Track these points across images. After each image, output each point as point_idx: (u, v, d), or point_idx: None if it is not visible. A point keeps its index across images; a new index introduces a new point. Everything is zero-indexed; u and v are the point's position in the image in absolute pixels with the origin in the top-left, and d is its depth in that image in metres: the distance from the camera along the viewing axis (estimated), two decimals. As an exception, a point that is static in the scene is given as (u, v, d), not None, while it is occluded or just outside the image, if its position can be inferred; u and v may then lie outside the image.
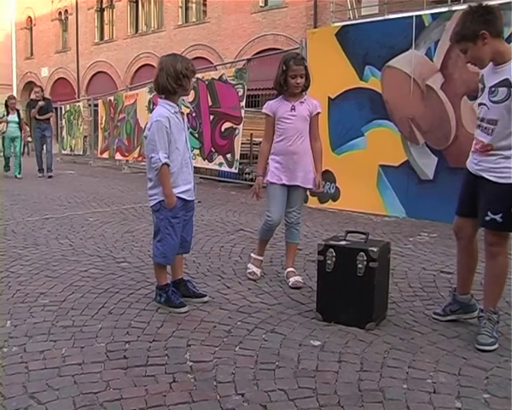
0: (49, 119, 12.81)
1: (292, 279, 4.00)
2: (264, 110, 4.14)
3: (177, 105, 3.43)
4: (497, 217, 2.89)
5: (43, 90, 13.25)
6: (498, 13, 2.99)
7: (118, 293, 3.76)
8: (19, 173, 12.14)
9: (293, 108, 4.01)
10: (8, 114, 12.55)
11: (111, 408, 2.26)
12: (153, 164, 3.31)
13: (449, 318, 3.28)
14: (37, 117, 12.49)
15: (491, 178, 2.92)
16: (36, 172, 12.53)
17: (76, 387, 2.42)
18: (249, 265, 4.25)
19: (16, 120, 12.57)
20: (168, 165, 3.30)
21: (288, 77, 3.95)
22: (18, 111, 12.79)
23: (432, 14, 6.83)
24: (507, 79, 2.80)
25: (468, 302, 3.25)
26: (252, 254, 4.34)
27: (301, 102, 4.03)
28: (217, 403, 2.31)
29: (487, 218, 2.92)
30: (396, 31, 6.97)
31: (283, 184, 4.04)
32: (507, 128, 2.83)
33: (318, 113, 4.09)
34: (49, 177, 12.27)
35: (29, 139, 28.83)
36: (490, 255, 3.01)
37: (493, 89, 2.90)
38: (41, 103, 12.28)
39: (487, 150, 2.95)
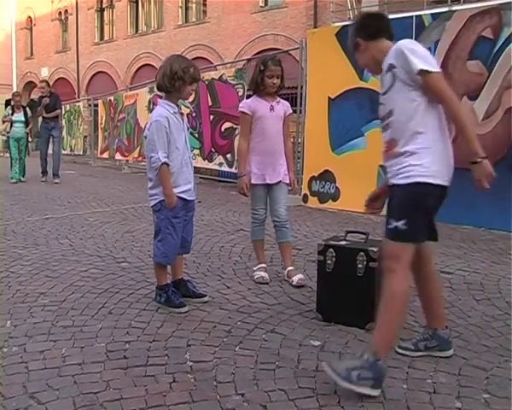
0: (57, 116, 11.61)
1: (295, 278, 4.00)
2: (241, 109, 4.15)
3: (177, 106, 3.44)
4: (400, 223, 2.51)
5: (49, 85, 11.88)
6: (374, 16, 2.93)
7: (118, 293, 3.76)
8: (23, 176, 11.39)
9: (272, 108, 4.09)
10: (13, 113, 11.46)
11: (111, 408, 2.26)
12: (152, 164, 3.31)
13: (420, 354, 2.77)
14: (44, 115, 11.33)
15: (397, 182, 2.62)
16: (37, 173, 11.58)
17: (76, 387, 2.42)
18: (255, 272, 4.20)
19: (22, 119, 11.44)
20: (168, 164, 3.30)
21: (265, 77, 4.03)
22: (25, 109, 11.66)
23: (432, 14, 6.83)
24: (389, 64, 2.60)
25: (448, 338, 2.81)
26: (254, 268, 4.27)
27: (277, 102, 4.15)
28: (217, 403, 2.31)
29: (390, 226, 2.57)
30: (396, 31, 6.81)
31: (266, 184, 4.12)
32: (404, 114, 2.54)
33: (290, 113, 4.28)
34: (56, 183, 11.08)
35: (30, 139, 28.85)
36: (385, 272, 2.54)
37: (382, 82, 2.71)
38: (45, 100, 11.05)
39: (392, 147, 2.64)
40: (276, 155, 4.13)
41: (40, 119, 11.69)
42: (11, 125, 11.39)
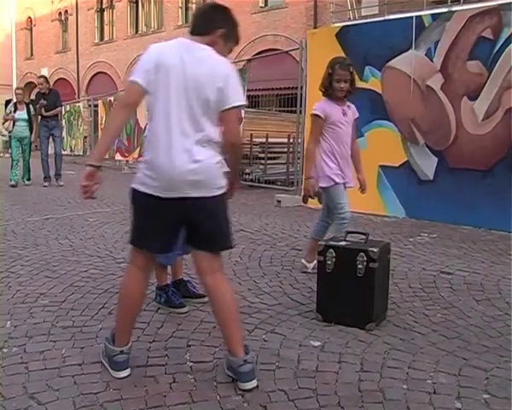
0: (57, 115, 10.92)
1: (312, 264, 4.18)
2: (314, 112, 4.11)
3: None
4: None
5: (48, 81, 10.97)
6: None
7: (117, 294, 3.75)
8: (28, 179, 10.74)
9: (344, 113, 4.10)
10: (15, 110, 10.55)
11: (111, 409, 2.26)
12: None
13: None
14: (44, 113, 10.45)
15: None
16: (38, 174, 10.93)
17: (76, 387, 2.42)
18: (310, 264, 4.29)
19: (25, 117, 10.52)
20: None
21: (334, 80, 4.02)
22: (28, 105, 10.75)
23: (432, 15, 6.83)
24: None
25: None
26: (308, 265, 4.32)
27: (348, 107, 4.17)
28: (217, 403, 2.31)
29: None
30: (396, 31, 6.97)
31: (342, 183, 4.15)
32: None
33: (357, 117, 4.26)
34: (60, 185, 10.62)
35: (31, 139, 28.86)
36: None
37: None
38: (42, 103, 10.30)
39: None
40: (347, 160, 4.17)
41: (39, 117, 10.83)
42: (13, 124, 10.60)
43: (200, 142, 2.36)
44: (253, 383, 2.39)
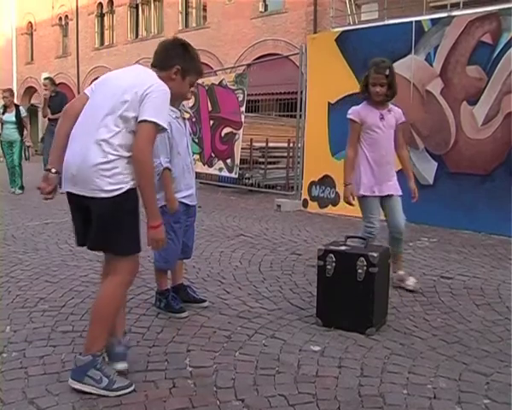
0: None
1: (411, 280, 4.00)
2: (350, 116, 4.03)
3: (179, 110, 3.43)
4: None
5: (54, 83, 10.29)
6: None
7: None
8: (19, 188, 9.89)
9: (382, 118, 3.94)
10: (4, 113, 9.96)
11: (111, 414, 2.26)
12: (155, 169, 3.30)
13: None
14: (50, 116, 9.84)
15: None
16: (39, 178, 10.88)
17: (76, 392, 2.41)
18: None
19: (13, 119, 9.88)
20: (170, 169, 3.30)
21: (370, 84, 3.91)
22: (18, 107, 10.15)
23: (431, 20, 6.86)
24: None
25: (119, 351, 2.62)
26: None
27: (389, 111, 3.98)
28: (217, 409, 2.30)
29: None
30: (396, 36, 6.99)
31: (376, 196, 4.02)
32: None
33: (403, 121, 4.07)
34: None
35: (29, 143, 28.81)
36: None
37: None
38: (46, 94, 9.72)
39: None
40: (388, 167, 3.99)
41: (46, 122, 10.19)
42: (2, 127, 10.02)
43: (95, 142, 2.37)
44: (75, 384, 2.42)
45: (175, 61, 2.64)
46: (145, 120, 2.34)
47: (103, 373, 2.41)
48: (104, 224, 2.40)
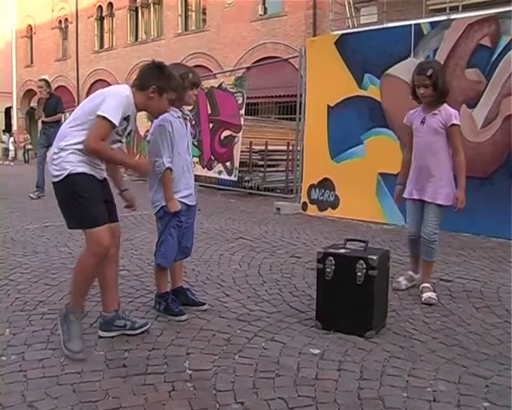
0: (58, 121, 9.68)
1: (425, 295, 3.84)
2: (404, 120, 4.08)
3: (181, 110, 3.44)
4: None
5: (49, 85, 10.06)
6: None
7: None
8: None
9: (423, 121, 3.89)
10: None
11: (110, 417, 2.26)
12: (156, 168, 3.32)
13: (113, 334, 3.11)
14: (43, 119, 9.69)
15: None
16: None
17: (75, 395, 2.41)
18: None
19: None
20: (171, 169, 3.31)
21: (415, 87, 3.88)
22: None
23: (430, 23, 6.86)
24: None
25: (111, 319, 3.13)
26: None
27: (434, 114, 3.86)
28: (216, 412, 2.30)
29: None
30: (395, 39, 7.00)
31: (415, 199, 3.98)
32: None
33: (452, 124, 3.81)
34: (38, 197, 9.53)
35: (29, 147, 28.80)
36: None
37: None
38: (41, 92, 9.58)
39: None
40: (426, 172, 3.89)
41: (40, 124, 10.03)
42: None
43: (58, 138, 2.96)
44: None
45: (151, 81, 2.97)
46: (97, 115, 2.82)
47: (67, 329, 2.91)
48: (60, 204, 2.98)
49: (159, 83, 2.97)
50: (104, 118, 2.79)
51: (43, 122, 9.94)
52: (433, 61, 3.89)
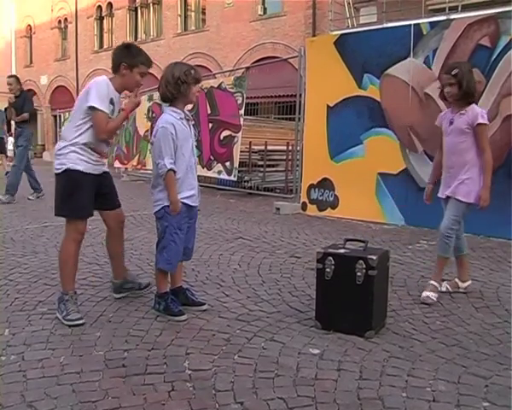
0: (26, 121, 9.04)
1: (423, 293, 3.84)
2: (436, 122, 4.11)
3: (183, 112, 3.44)
4: None
5: (19, 82, 9.30)
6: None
7: (116, 301, 3.76)
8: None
9: (451, 122, 3.92)
10: None
11: (109, 417, 2.26)
12: (159, 170, 3.32)
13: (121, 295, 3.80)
14: (15, 119, 9.10)
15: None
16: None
17: (74, 395, 2.41)
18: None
19: None
20: (174, 171, 3.31)
21: (443, 86, 3.90)
22: None
23: (430, 23, 6.86)
24: None
25: (120, 285, 3.83)
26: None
27: (461, 114, 3.86)
28: (216, 412, 2.30)
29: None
30: (394, 39, 7.00)
31: (445, 199, 4.02)
32: None
33: (478, 124, 3.78)
34: (8, 201, 8.81)
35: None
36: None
37: None
38: (10, 98, 8.98)
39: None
40: (453, 171, 3.91)
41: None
42: None
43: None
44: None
45: (120, 60, 3.40)
46: (88, 107, 3.30)
47: (64, 307, 3.32)
48: (55, 192, 3.41)
49: (127, 59, 3.39)
50: (90, 107, 3.25)
51: (16, 123, 9.37)
52: (461, 62, 3.93)
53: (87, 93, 3.30)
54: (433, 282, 3.94)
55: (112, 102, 3.37)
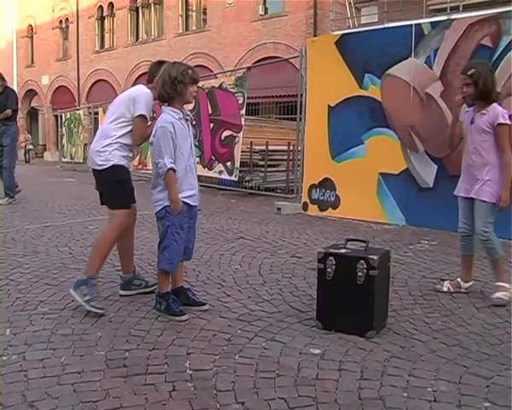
0: (10, 119, 8.78)
1: (495, 294, 3.80)
2: (459, 117, 4.08)
3: (182, 112, 3.44)
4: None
5: (3, 79, 8.94)
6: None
7: (118, 301, 3.76)
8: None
9: (472, 121, 3.90)
10: None
11: (110, 417, 2.26)
12: (159, 169, 3.32)
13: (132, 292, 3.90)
14: None
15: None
16: (37, 181, 9.95)
17: (75, 395, 2.41)
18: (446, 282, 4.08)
19: None
20: (174, 170, 3.31)
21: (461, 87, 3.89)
22: None
23: (431, 23, 6.86)
24: None
25: (130, 280, 3.95)
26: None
27: (482, 114, 3.85)
28: (217, 412, 2.30)
29: None
30: (395, 39, 7.00)
31: (463, 197, 3.99)
32: None
33: (499, 124, 3.77)
34: (9, 203, 8.68)
35: (30, 147, 28.80)
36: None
37: None
38: None
39: None
40: (474, 170, 3.88)
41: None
42: None
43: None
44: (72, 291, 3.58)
45: (154, 74, 3.71)
46: (135, 115, 3.62)
47: (89, 291, 3.48)
48: (100, 187, 3.76)
49: (158, 74, 3.60)
50: (140, 115, 3.60)
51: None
52: (480, 62, 3.92)
53: (134, 101, 3.61)
54: (499, 283, 3.89)
55: (152, 108, 3.86)
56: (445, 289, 4.05)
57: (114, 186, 3.66)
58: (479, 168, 3.87)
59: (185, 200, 3.40)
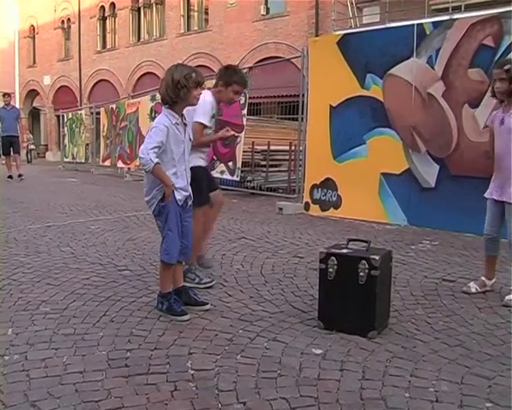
0: None
1: (507, 297, 3.81)
2: (486, 122, 4.02)
3: (180, 117, 3.42)
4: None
5: None
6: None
7: (119, 301, 3.76)
8: None
9: (502, 122, 3.80)
10: None
11: (112, 417, 2.26)
12: (144, 166, 3.28)
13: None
14: None
15: None
16: (37, 181, 10.09)
17: (77, 395, 2.41)
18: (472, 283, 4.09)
19: None
20: (159, 164, 3.29)
21: (493, 81, 3.79)
22: None
23: (433, 23, 6.85)
24: None
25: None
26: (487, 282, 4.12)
27: (510, 114, 3.76)
28: (218, 412, 2.30)
29: None
30: (397, 39, 6.99)
31: (495, 200, 3.91)
32: None
33: None
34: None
35: (32, 147, 28.82)
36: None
37: None
38: None
39: None
40: (505, 173, 3.79)
41: None
42: None
43: None
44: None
45: (220, 78, 4.26)
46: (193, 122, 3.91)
47: (196, 274, 4.08)
48: (193, 185, 3.72)
49: (224, 79, 4.21)
50: (196, 122, 3.95)
51: None
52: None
53: (195, 110, 3.89)
54: None
55: (213, 116, 4.28)
56: (473, 290, 4.05)
57: (198, 186, 3.84)
58: (508, 171, 3.78)
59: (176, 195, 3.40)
